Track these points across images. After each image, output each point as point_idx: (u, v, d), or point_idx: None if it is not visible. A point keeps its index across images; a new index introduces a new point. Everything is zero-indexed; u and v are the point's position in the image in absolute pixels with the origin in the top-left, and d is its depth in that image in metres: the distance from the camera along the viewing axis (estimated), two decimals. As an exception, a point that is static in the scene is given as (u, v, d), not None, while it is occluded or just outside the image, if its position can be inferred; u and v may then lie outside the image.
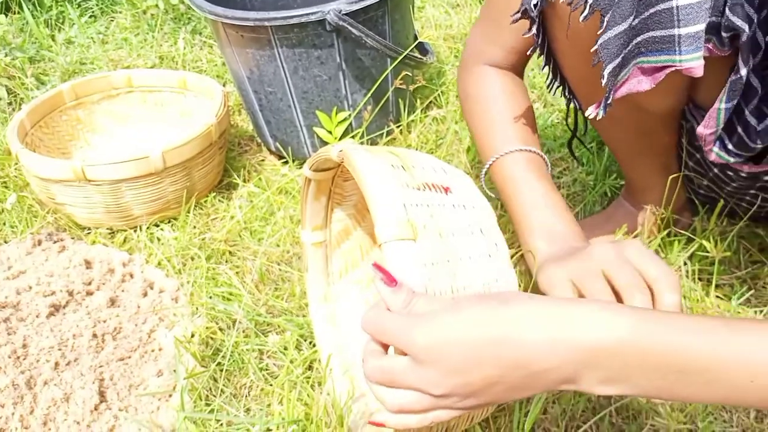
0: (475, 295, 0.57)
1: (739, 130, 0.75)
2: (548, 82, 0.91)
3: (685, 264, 1.02)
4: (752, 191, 0.91)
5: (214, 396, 0.89)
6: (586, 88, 0.85)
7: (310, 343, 0.96)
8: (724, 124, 0.75)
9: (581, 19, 0.69)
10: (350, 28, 1.14)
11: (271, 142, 1.38)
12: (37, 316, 0.98)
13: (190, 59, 1.77)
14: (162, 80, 1.42)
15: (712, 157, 0.78)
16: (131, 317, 1.01)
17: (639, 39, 0.69)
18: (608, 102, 0.73)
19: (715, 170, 0.90)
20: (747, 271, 1.03)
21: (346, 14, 1.11)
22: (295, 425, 0.81)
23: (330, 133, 1.29)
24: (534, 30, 0.82)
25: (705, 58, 0.69)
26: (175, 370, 0.91)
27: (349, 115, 1.29)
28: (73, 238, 1.20)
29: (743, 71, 0.69)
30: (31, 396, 0.88)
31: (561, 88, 0.91)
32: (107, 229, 1.22)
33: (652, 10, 0.67)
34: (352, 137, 1.30)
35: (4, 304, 0.99)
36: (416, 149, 1.31)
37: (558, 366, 0.50)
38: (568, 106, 0.95)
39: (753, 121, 0.73)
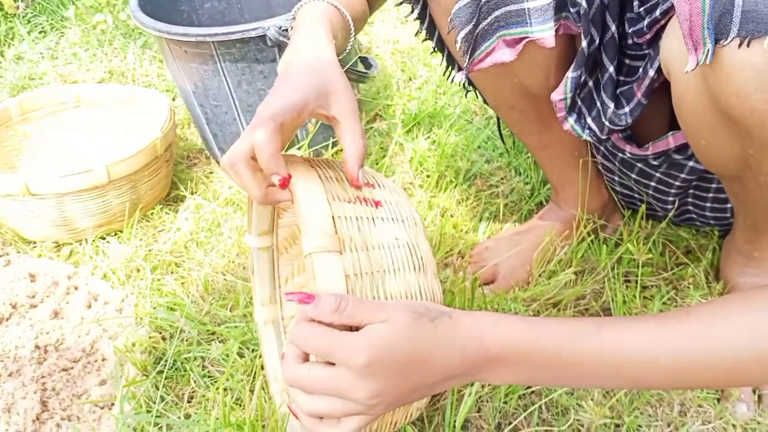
0: (404, 306, 0.60)
1: (598, 105, 0.84)
2: (444, 70, 1.00)
3: (613, 268, 1.07)
4: (653, 184, 0.98)
5: (155, 403, 0.91)
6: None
7: (253, 350, 0.98)
8: (586, 99, 0.85)
9: None
10: (291, 43, 1.17)
11: (218, 154, 1.40)
12: (-21, 330, 0.99)
13: (140, 74, 1.78)
14: (110, 95, 1.43)
15: (566, 126, 0.88)
16: (75, 328, 1.02)
17: (497, 13, 0.77)
18: (468, 67, 0.82)
19: (619, 156, 0.97)
20: (673, 273, 1.08)
21: (286, 30, 1.14)
22: (232, 428, 0.83)
23: (275, 145, 1.31)
24: (416, 13, 0.91)
25: (571, 37, 0.80)
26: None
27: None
28: (18, 252, 1.21)
29: (584, 43, 0.78)
30: (-28, 408, 0.89)
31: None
32: (53, 242, 1.23)
33: None
34: (298, 149, 1.32)
35: (-54, 318, 1.00)
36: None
37: (469, 371, 0.61)
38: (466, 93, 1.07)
39: (607, 100, 0.82)
